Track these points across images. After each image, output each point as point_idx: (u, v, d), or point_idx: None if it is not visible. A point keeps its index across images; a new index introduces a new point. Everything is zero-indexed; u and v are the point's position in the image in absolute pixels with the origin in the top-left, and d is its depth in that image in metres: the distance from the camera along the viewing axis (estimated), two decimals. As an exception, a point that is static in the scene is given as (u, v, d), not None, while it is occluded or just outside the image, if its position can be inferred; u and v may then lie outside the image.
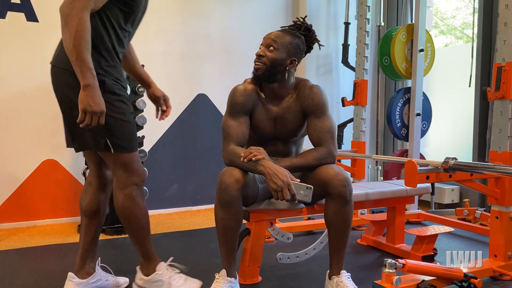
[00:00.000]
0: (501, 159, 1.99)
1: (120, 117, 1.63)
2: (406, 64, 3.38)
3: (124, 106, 1.65)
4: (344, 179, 1.67)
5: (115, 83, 1.63)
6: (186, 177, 3.62)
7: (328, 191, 1.69)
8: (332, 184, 1.66)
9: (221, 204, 1.68)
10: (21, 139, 3.04)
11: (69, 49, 1.50)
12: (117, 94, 1.63)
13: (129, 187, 1.69)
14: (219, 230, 1.72)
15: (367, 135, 3.53)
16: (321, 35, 4.32)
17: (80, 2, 1.47)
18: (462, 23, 7.24)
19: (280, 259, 2.05)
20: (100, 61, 1.59)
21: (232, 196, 1.65)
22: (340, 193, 1.66)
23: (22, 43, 3.02)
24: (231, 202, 1.66)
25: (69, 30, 1.48)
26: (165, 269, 1.77)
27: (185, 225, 3.11)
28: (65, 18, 1.49)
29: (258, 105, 1.85)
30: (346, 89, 4.21)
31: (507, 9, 1.98)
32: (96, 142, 1.61)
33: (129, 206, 1.70)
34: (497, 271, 1.98)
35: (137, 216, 1.72)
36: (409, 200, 2.46)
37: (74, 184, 3.20)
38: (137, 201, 1.71)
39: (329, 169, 1.69)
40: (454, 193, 3.70)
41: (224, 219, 1.69)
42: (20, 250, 2.46)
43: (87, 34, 1.49)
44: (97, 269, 1.80)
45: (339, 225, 1.71)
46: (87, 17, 1.49)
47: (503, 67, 1.96)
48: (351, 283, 1.73)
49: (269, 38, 1.80)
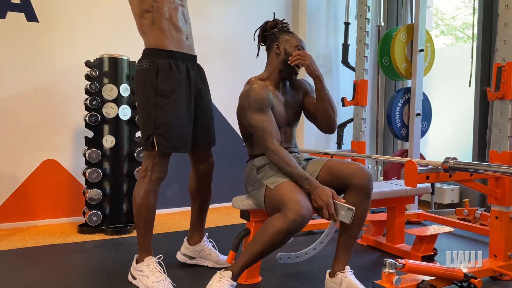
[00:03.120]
0: (501, 159, 1.99)
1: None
2: (406, 64, 3.38)
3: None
4: (369, 174, 1.76)
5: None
6: (186, 177, 3.60)
7: (352, 183, 1.74)
8: (357, 176, 1.73)
9: (289, 233, 1.62)
10: (21, 139, 3.04)
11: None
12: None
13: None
14: (268, 249, 1.66)
15: (367, 135, 3.53)
16: (321, 35, 4.34)
17: None
18: (462, 23, 7.24)
19: (280, 259, 2.05)
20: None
21: (303, 226, 1.64)
22: (364, 186, 1.73)
23: (22, 43, 3.02)
24: (299, 230, 1.65)
25: None
26: (152, 263, 1.86)
27: (185, 225, 3.11)
28: None
29: (274, 97, 1.93)
30: (346, 89, 4.21)
31: (507, 9, 1.98)
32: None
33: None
34: (497, 271, 1.98)
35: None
36: (409, 200, 2.46)
37: (74, 184, 3.20)
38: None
39: (354, 164, 1.79)
40: (454, 193, 3.70)
41: (277, 243, 1.65)
42: (20, 250, 2.46)
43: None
44: (204, 242, 2.15)
45: (356, 218, 1.71)
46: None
47: (503, 67, 1.96)
48: (355, 279, 1.75)
49: (303, 44, 1.98)
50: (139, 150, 3.00)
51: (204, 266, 2.15)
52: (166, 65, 1.82)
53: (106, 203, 2.92)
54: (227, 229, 2.98)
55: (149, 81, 1.82)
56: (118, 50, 3.06)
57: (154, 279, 1.81)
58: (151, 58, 1.83)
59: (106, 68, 2.92)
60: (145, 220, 1.88)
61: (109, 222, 2.91)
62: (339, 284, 1.76)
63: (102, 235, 2.81)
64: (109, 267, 2.16)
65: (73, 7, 3.18)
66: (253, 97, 1.83)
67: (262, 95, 1.84)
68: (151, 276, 1.82)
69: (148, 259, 1.88)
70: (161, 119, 1.80)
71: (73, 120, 3.17)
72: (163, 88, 1.81)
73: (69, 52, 3.15)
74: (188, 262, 2.16)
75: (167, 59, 1.83)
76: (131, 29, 3.40)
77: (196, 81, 1.95)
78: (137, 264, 1.90)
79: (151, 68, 1.82)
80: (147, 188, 1.86)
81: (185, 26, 1.93)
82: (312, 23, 4.19)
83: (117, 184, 2.94)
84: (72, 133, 3.19)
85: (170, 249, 2.46)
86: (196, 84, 1.96)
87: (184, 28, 1.92)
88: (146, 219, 1.88)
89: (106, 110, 2.88)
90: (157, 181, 1.88)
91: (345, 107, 3.42)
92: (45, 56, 3.10)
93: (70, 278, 2.03)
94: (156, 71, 1.81)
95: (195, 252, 2.15)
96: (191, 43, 1.97)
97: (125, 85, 2.95)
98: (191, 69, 1.94)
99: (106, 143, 2.90)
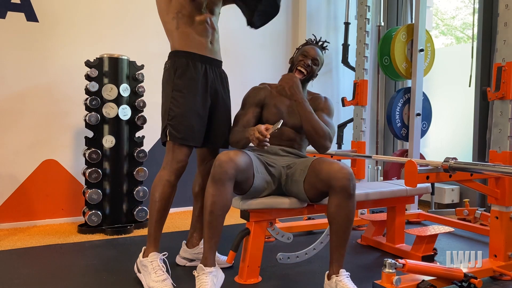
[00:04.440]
0: (501, 159, 1.99)
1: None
2: (406, 64, 3.38)
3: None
4: (348, 173, 1.73)
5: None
6: (186, 177, 3.61)
7: (332, 185, 1.73)
8: (336, 177, 1.71)
9: (213, 180, 1.72)
10: (21, 139, 3.04)
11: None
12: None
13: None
14: (206, 208, 1.74)
15: (367, 135, 3.53)
16: (321, 35, 4.32)
17: None
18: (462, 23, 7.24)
19: (280, 259, 2.05)
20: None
21: (225, 172, 1.69)
22: (344, 186, 1.71)
23: (22, 43, 3.02)
24: (223, 179, 1.70)
25: None
26: (156, 260, 1.87)
27: (185, 225, 3.11)
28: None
29: (274, 97, 2.11)
30: (346, 89, 4.21)
31: (507, 9, 1.98)
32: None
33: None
34: (497, 271, 1.98)
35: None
36: (409, 200, 2.46)
37: (74, 184, 3.20)
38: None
39: (334, 164, 1.76)
40: (454, 193, 3.70)
41: (213, 195, 1.71)
42: (20, 250, 2.46)
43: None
44: (201, 244, 2.14)
45: (341, 219, 1.74)
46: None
47: (503, 67, 1.96)
48: (350, 282, 1.73)
49: (315, 54, 2.09)
50: (139, 150, 3.00)
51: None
52: (184, 63, 1.93)
53: (106, 203, 2.92)
54: (227, 229, 2.95)
55: (169, 79, 1.95)
56: (118, 50, 3.06)
57: (155, 278, 1.81)
58: (173, 59, 1.97)
59: (106, 68, 2.92)
60: (158, 210, 1.92)
61: (109, 222, 2.91)
62: (334, 287, 1.76)
63: (102, 235, 2.81)
64: (109, 267, 2.16)
65: (73, 7, 3.18)
66: (244, 97, 2.12)
67: (248, 94, 2.13)
68: (153, 274, 1.83)
69: (152, 255, 1.89)
70: (174, 111, 1.91)
71: (73, 120, 3.17)
72: (179, 83, 1.92)
73: (69, 52, 3.15)
74: (187, 264, 2.17)
75: (186, 59, 1.94)
76: (131, 29, 3.42)
77: (214, 82, 2.02)
78: (143, 258, 1.91)
79: (171, 67, 1.96)
80: (164, 178, 1.93)
81: (209, 32, 1.99)
82: (312, 23, 4.19)
83: (117, 184, 2.94)
84: (72, 133, 3.19)
85: (170, 249, 2.45)
86: (214, 84, 2.02)
87: (209, 34, 1.99)
88: (159, 208, 1.92)
89: (106, 110, 2.88)
90: (175, 172, 1.94)
91: (345, 107, 3.42)
92: (45, 56, 3.10)
93: (70, 278, 2.03)
94: (174, 70, 1.94)
95: (193, 254, 2.17)
96: (215, 48, 2.04)
97: (125, 85, 2.95)
98: (210, 70, 2.00)
99: (106, 143, 2.90)
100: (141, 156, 3.02)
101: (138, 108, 3.02)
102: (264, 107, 2.09)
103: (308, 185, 1.85)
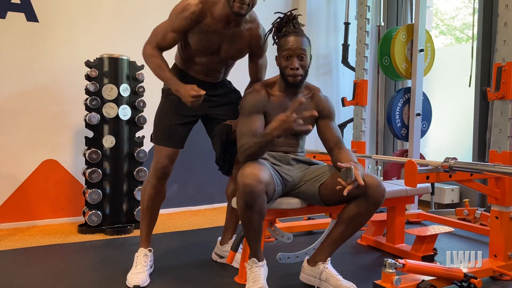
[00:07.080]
0: (501, 159, 1.99)
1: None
2: (406, 64, 3.38)
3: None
4: (385, 192, 1.80)
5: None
6: (186, 177, 3.62)
7: (367, 194, 1.77)
8: (374, 191, 1.77)
9: (247, 206, 1.70)
10: (21, 139, 3.04)
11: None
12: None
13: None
14: (246, 227, 1.77)
15: (367, 135, 3.53)
16: (321, 35, 4.34)
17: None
18: (462, 23, 7.24)
19: (280, 259, 2.05)
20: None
21: (258, 196, 1.68)
22: (378, 201, 1.78)
23: (22, 43, 3.02)
24: (257, 202, 1.69)
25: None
26: (141, 255, 2.02)
27: (185, 225, 3.11)
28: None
29: (272, 101, 1.96)
30: (346, 89, 4.21)
31: (507, 9, 1.98)
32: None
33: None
34: (497, 271, 1.98)
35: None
36: (409, 200, 2.46)
37: (74, 184, 3.20)
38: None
39: (375, 178, 1.80)
40: (454, 193, 3.70)
41: (250, 217, 1.73)
42: (20, 250, 2.46)
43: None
44: (230, 242, 2.21)
45: (356, 224, 1.82)
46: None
47: (503, 67, 1.96)
48: (336, 272, 1.80)
49: (298, 48, 1.87)
50: (139, 150, 3.01)
51: (207, 268, 2.16)
52: (175, 74, 2.01)
53: (106, 203, 2.92)
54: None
55: (164, 90, 2.09)
56: (118, 50, 3.06)
57: (133, 270, 1.96)
58: (172, 70, 2.03)
59: (106, 68, 2.92)
60: (145, 208, 2.07)
61: (109, 222, 2.91)
62: (319, 274, 1.81)
63: (102, 235, 2.81)
64: (109, 267, 2.16)
65: (73, 7, 3.18)
66: (242, 102, 1.97)
67: (247, 100, 1.94)
68: (133, 267, 1.98)
69: (140, 250, 2.05)
70: (157, 114, 2.08)
71: (73, 120, 3.17)
72: (165, 89, 2.06)
73: (69, 52, 3.15)
74: (218, 260, 2.25)
75: (179, 73, 2.04)
76: (132, 29, 3.41)
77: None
78: (136, 253, 2.07)
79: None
80: (147, 179, 2.08)
81: (212, 72, 2.04)
82: (312, 23, 4.19)
83: (117, 184, 2.94)
84: (72, 133, 3.19)
85: (170, 249, 2.46)
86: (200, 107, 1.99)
87: (211, 73, 2.04)
88: (144, 207, 2.08)
89: (106, 110, 2.88)
90: (156, 172, 2.03)
91: (345, 107, 3.42)
92: (45, 56, 3.10)
93: (70, 278, 2.02)
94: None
95: (223, 251, 2.24)
96: (212, 79, 2.06)
97: (125, 85, 2.95)
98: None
99: (106, 143, 2.90)
100: (141, 156, 3.02)
101: (138, 108, 3.02)
102: (266, 115, 1.95)
103: (327, 190, 1.85)
